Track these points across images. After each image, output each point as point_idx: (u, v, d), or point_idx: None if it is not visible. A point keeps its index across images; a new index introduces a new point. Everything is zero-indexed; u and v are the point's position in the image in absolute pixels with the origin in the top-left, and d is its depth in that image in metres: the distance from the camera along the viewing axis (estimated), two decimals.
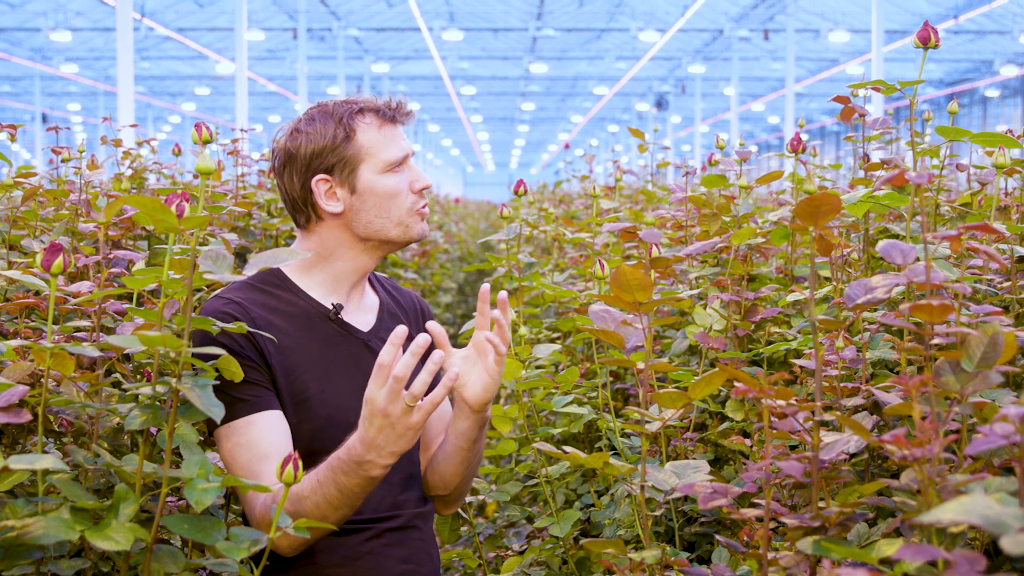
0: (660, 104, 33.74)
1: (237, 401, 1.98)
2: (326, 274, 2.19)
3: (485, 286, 2.06)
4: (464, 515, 3.05)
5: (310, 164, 2.15)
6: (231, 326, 1.78)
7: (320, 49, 29.83)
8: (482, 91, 39.85)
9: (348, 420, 2.04)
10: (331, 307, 2.17)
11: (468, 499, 3.16)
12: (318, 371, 2.09)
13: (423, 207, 2.20)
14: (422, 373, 1.83)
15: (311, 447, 2.06)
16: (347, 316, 2.20)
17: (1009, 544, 1.01)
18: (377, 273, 2.40)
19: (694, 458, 2.41)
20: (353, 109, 2.16)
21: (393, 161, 2.15)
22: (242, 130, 4.46)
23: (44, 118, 33.32)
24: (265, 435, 2.00)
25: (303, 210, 2.18)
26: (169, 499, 2.09)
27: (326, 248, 2.18)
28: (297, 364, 2.07)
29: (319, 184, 2.15)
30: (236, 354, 2.00)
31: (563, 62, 34.09)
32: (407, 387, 1.83)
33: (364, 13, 27.54)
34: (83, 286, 2.03)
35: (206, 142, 1.87)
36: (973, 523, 1.03)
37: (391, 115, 2.19)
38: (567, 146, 10.12)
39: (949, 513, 1.05)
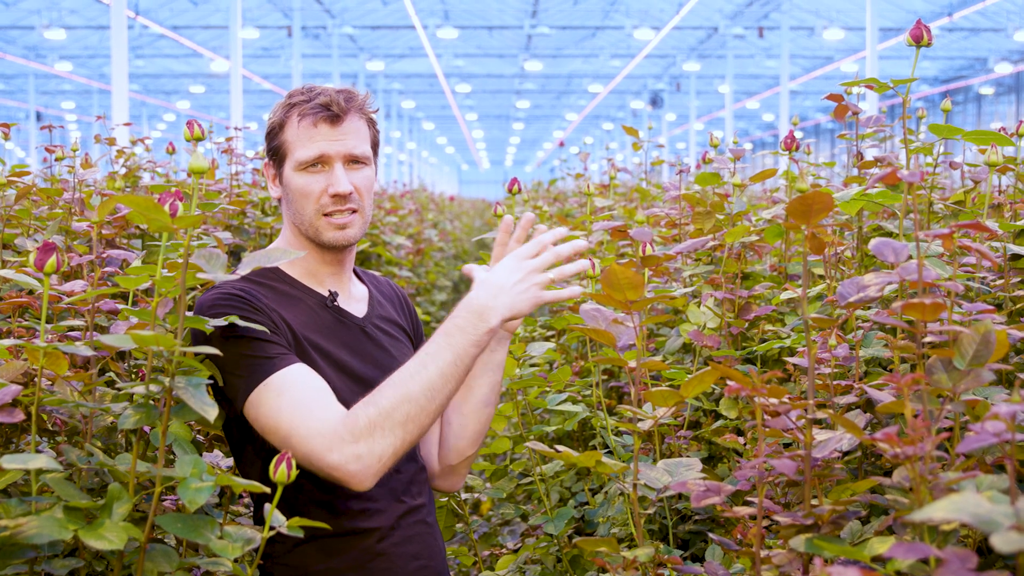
0: (655, 102, 33.74)
1: (267, 359, 1.93)
2: (304, 265, 2.18)
3: (508, 218, 2.13)
4: (459, 512, 3.05)
5: (266, 147, 2.21)
6: (221, 322, 1.77)
7: (315, 47, 29.80)
8: (477, 89, 39.83)
9: (351, 404, 2.00)
10: (328, 294, 2.17)
11: (463, 496, 3.17)
12: (320, 357, 2.08)
13: (336, 213, 2.13)
14: (569, 244, 1.98)
15: None
16: (341, 303, 2.20)
17: (999, 542, 1.01)
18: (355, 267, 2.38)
19: (688, 456, 2.41)
20: (291, 102, 2.15)
21: (304, 161, 2.11)
22: (236, 128, 4.46)
23: (38, 116, 33.30)
24: (308, 377, 1.95)
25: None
26: (165, 498, 2.08)
27: (289, 237, 2.19)
28: (301, 353, 2.07)
29: (266, 168, 2.21)
30: (257, 321, 1.95)
31: (558, 60, 34.08)
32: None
33: (359, 11, 27.51)
34: (76, 285, 2.03)
35: (198, 139, 1.87)
36: (964, 521, 1.04)
37: (312, 112, 2.12)
38: (562, 144, 10.15)
39: (940, 511, 1.05)
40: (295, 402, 1.90)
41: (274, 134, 2.16)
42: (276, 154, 2.16)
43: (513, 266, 1.96)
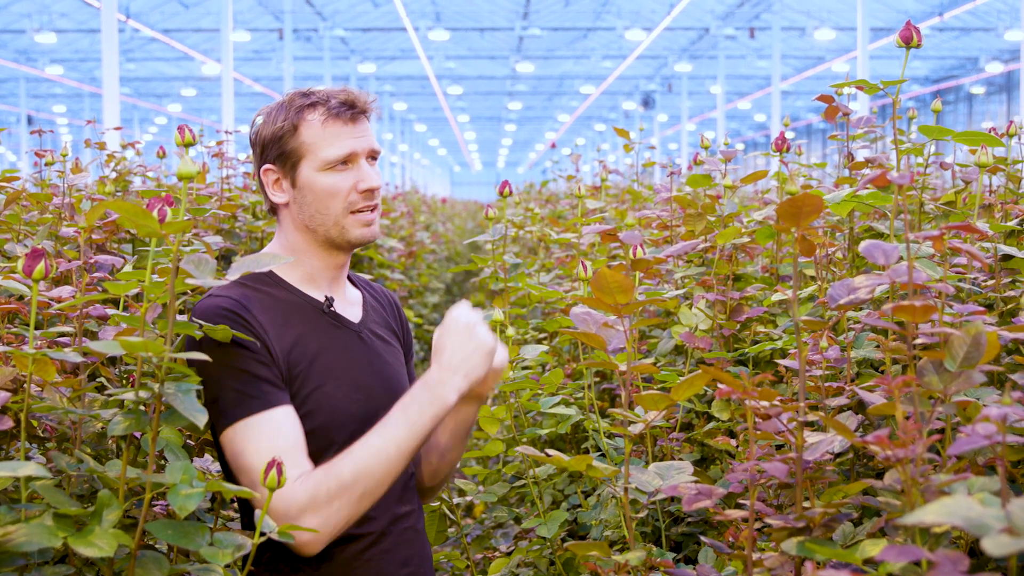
0: (647, 103, 33.78)
1: (249, 397, 1.94)
2: (303, 270, 2.17)
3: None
4: (452, 516, 3.05)
5: (262, 153, 2.17)
6: (216, 328, 1.77)
7: (306, 50, 29.80)
8: (469, 91, 39.84)
9: (350, 411, 2.04)
10: (324, 299, 2.17)
11: (456, 500, 3.16)
12: (318, 365, 2.08)
13: (366, 209, 2.15)
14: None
15: (314, 443, 2.04)
16: (337, 309, 2.19)
17: (990, 545, 1.01)
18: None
19: (680, 458, 2.41)
20: (305, 103, 2.13)
21: (332, 160, 2.11)
22: (227, 132, 4.45)
23: (29, 120, 33.26)
24: (283, 427, 1.95)
25: (264, 197, 2.21)
26: (156, 503, 2.07)
27: (290, 242, 2.18)
28: (298, 359, 2.06)
29: (267, 173, 2.16)
30: (247, 347, 1.95)
31: (549, 61, 34.11)
32: None
33: (350, 13, 27.51)
34: (64, 291, 2.02)
35: (188, 145, 1.86)
36: (955, 524, 1.03)
37: (336, 111, 2.12)
38: (554, 145, 10.13)
39: (931, 515, 1.05)
40: (265, 454, 1.90)
41: (284, 138, 2.12)
42: (288, 158, 2.13)
43: (452, 331, 2.02)
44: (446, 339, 2.00)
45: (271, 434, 1.94)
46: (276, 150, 2.14)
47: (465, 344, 1.98)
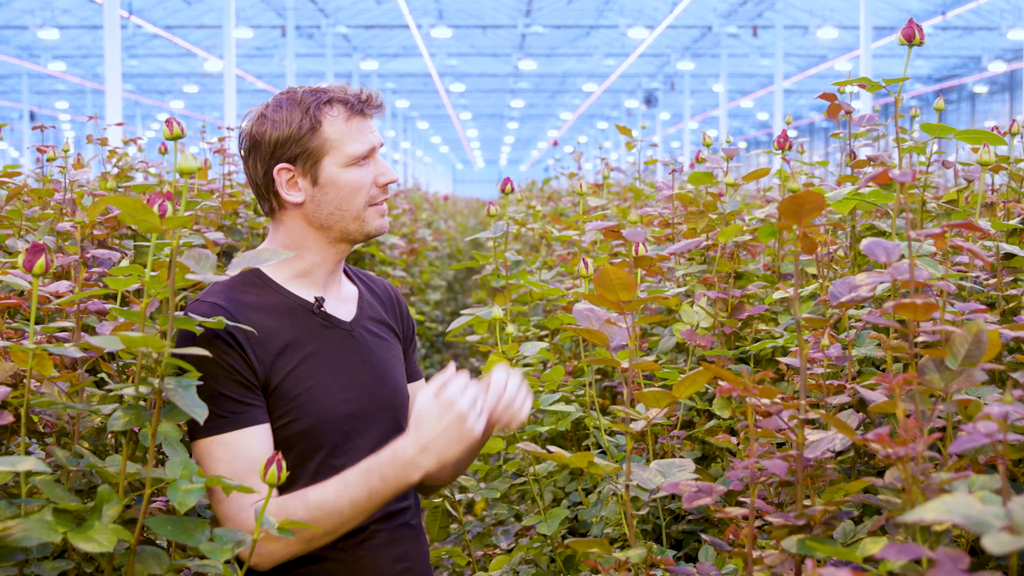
0: (649, 101, 33.80)
1: (217, 416, 1.93)
2: (299, 268, 2.16)
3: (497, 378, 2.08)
4: (453, 513, 3.05)
5: (273, 152, 2.11)
6: (211, 321, 1.77)
7: (309, 46, 29.80)
8: (471, 88, 39.84)
9: (340, 413, 2.05)
10: (313, 300, 2.15)
11: (457, 497, 3.16)
12: (307, 367, 2.07)
13: (383, 202, 2.16)
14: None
15: (304, 445, 2.04)
16: (328, 308, 2.18)
17: (991, 543, 1.00)
18: (347, 264, 2.36)
19: (681, 456, 2.41)
20: (321, 99, 2.11)
21: (358, 155, 2.11)
22: (229, 128, 4.44)
23: (32, 116, 33.27)
24: (246, 452, 1.96)
25: (266, 197, 2.16)
26: (156, 499, 2.07)
27: (293, 240, 2.15)
28: (286, 363, 2.05)
29: (281, 173, 2.12)
30: (221, 366, 1.95)
31: (552, 59, 34.10)
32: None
33: (353, 10, 27.51)
34: (61, 285, 2.02)
35: (176, 138, 1.86)
36: (955, 522, 1.03)
37: (359, 107, 2.13)
38: (556, 143, 10.12)
39: (931, 512, 1.05)
40: (228, 475, 1.91)
41: (303, 137, 2.09)
42: (310, 155, 2.11)
43: (438, 413, 1.92)
44: (429, 416, 1.92)
45: (231, 457, 1.95)
46: (295, 148, 2.10)
47: (448, 431, 1.91)
